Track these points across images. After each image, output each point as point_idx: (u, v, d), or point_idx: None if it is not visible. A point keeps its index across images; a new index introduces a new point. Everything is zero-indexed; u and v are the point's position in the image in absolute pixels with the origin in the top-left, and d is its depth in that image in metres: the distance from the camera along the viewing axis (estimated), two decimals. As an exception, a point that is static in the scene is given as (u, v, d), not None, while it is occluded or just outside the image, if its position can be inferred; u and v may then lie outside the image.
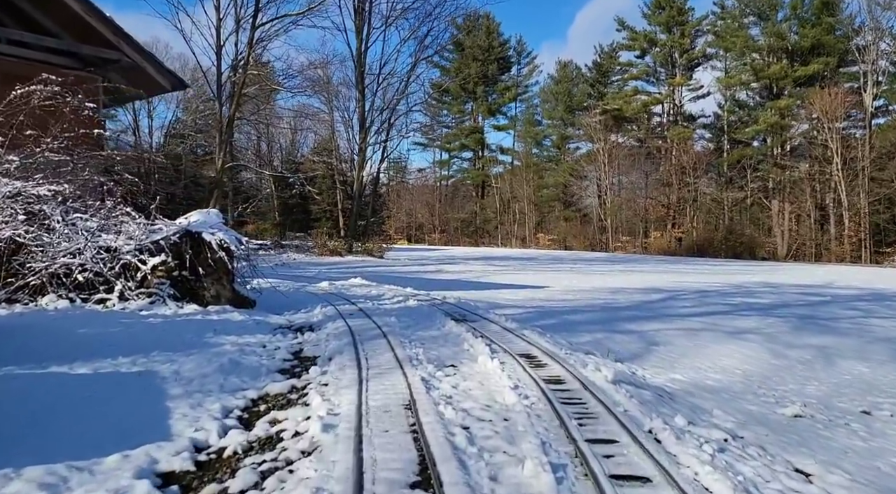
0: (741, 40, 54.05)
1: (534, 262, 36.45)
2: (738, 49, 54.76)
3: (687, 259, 46.22)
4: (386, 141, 39.08)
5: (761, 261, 46.96)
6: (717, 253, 51.01)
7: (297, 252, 34.39)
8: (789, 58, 52.44)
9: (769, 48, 53.08)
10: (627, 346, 10.03)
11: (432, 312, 10.55)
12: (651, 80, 62.40)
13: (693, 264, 38.50)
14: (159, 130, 71.64)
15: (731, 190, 56.77)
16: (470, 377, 5.92)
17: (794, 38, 52.16)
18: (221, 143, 31.33)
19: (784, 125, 52.48)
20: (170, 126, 69.54)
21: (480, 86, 68.39)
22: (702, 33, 59.26)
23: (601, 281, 23.21)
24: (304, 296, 12.87)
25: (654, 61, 61.02)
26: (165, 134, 69.61)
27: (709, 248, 51.97)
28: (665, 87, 60.98)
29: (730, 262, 43.42)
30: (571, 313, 13.63)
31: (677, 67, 59.76)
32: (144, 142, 72.13)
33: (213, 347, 7.33)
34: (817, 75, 50.62)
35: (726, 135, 58.06)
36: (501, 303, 14.84)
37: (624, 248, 57.95)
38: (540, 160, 70.14)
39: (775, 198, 53.41)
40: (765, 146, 55.22)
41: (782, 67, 51.67)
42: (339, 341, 7.60)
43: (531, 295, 17.57)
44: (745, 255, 50.26)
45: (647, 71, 61.82)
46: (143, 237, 9.96)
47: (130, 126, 73.03)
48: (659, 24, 59.25)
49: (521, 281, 22.75)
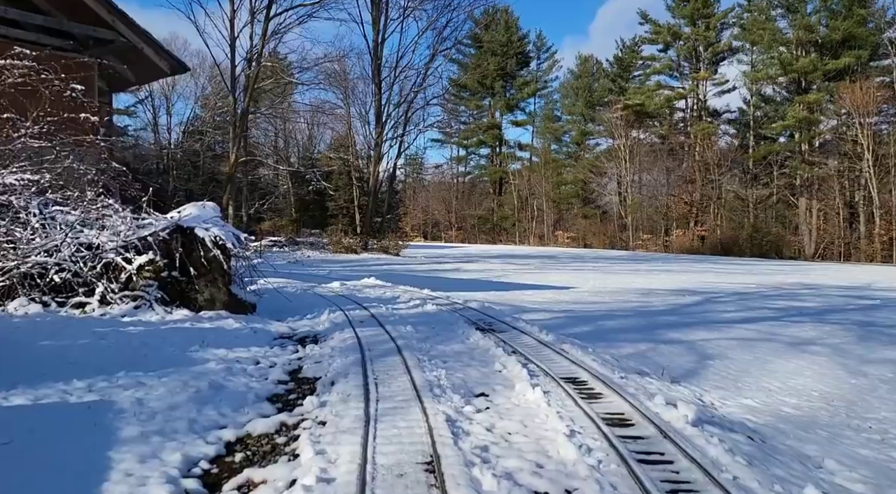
0: (769, 33, 51.97)
1: (554, 261, 35.02)
2: (765, 42, 52.67)
3: (712, 258, 44.49)
4: (402, 135, 37.80)
5: (788, 261, 45.13)
6: (742, 252, 49.17)
7: (311, 249, 33.24)
8: (818, 51, 50.30)
9: (798, 41, 50.95)
10: (678, 360, 8.70)
11: (453, 319, 9.24)
12: (674, 74, 60.46)
13: (720, 263, 36.87)
14: (178, 127, 71.22)
15: (755, 187, 54.77)
16: (508, 413, 4.59)
17: (823, 31, 50.02)
18: (235, 137, 30.26)
19: (813, 120, 50.42)
20: (188, 123, 69.05)
21: (499, 81, 66.74)
22: (727, 26, 57.22)
23: (628, 282, 21.79)
24: (312, 299, 11.60)
25: (678, 55, 59.05)
26: (184, 130, 69.07)
27: (733, 247, 50.11)
28: (689, 82, 59.00)
29: (757, 262, 41.67)
30: (605, 318, 12.28)
31: (702, 61, 57.75)
32: (163, 138, 71.83)
33: (195, 365, 6.07)
34: (848, 69, 48.46)
35: (752, 130, 56.02)
36: (527, 307, 13.54)
37: (645, 247, 56.18)
38: (559, 156, 68.44)
39: (802, 195, 51.38)
40: (792, 142, 53.15)
41: (811, 61, 49.55)
42: (345, 358, 6.30)
43: (557, 297, 16.24)
44: (771, 254, 48.41)
45: (671, 65, 59.84)
46: (129, 233, 8.75)
47: (150, 123, 72.79)
48: (683, 17, 57.25)
49: (544, 281, 21.41)
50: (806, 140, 51.41)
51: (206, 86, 65.54)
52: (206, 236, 8.63)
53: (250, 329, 8.06)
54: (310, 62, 31.56)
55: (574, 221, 62.99)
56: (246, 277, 9.63)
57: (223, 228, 8.97)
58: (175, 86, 68.28)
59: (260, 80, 32.65)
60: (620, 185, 59.27)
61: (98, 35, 11.72)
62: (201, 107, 66.33)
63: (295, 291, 12.56)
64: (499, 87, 67.10)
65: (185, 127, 68.63)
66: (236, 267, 9.42)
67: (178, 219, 8.86)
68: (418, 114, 39.10)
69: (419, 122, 40.33)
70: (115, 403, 4.69)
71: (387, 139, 36.75)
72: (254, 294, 9.66)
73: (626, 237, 58.23)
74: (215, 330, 7.75)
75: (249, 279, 9.60)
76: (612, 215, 60.56)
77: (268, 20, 29.74)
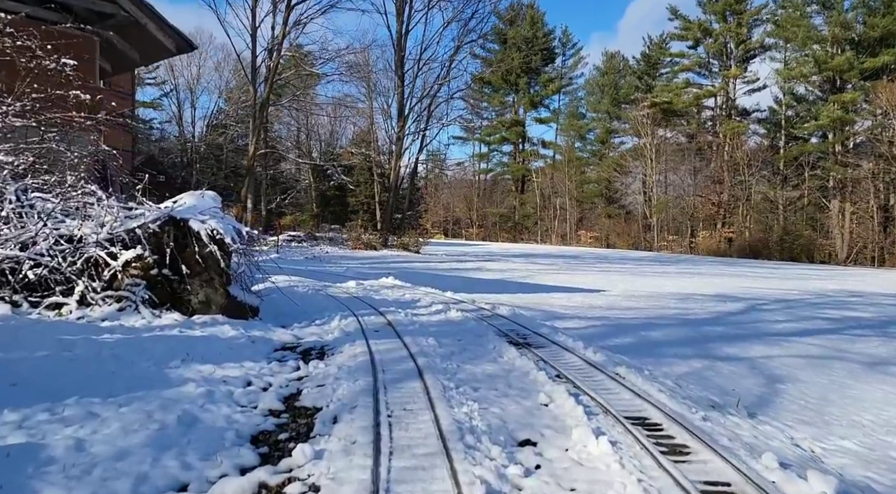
0: (803, 30, 49.85)
1: (579, 261, 33.59)
2: (799, 39, 50.53)
3: (740, 261, 42.77)
4: (425, 130, 36.47)
5: (820, 265, 43.25)
6: (771, 255, 47.33)
7: (330, 245, 32.14)
8: (855, 49, 48.11)
9: (833, 38, 48.75)
10: (743, 383, 7.42)
11: (481, 329, 7.97)
12: (703, 72, 58.38)
13: (750, 267, 35.24)
14: (202, 120, 70.84)
15: (785, 188, 52.67)
16: (567, 478, 3.32)
17: (860, 28, 47.87)
18: (255, 129, 29.24)
19: (847, 120, 48.29)
20: (211, 116, 68.55)
21: (523, 77, 65.14)
22: (760, 23, 55.03)
23: (659, 285, 20.40)
24: (324, 300, 10.38)
25: (707, 52, 56.96)
26: (207, 124, 68.62)
27: (762, 250, 48.25)
28: (718, 80, 56.94)
29: (788, 265, 39.91)
30: (648, 328, 10.95)
31: (732, 59, 55.66)
32: (187, 132, 71.49)
33: (169, 387, 4.88)
34: (886, 67, 46.27)
35: (783, 130, 53.90)
36: (559, 313, 12.26)
37: (670, 248, 54.41)
38: (582, 155, 66.70)
39: (835, 197, 49.27)
40: (825, 142, 50.99)
41: (847, 59, 47.38)
42: (353, 382, 5.06)
43: (589, 302, 14.94)
44: (802, 258, 46.50)
45: (700, 62, 57.76)
46: (116, 224, 7.61)
47: (175, 116, 72.56)
48: (714, 13, 55.18)
49: (572, 283, 20.08)
50: (840, 141, 49.28)
51: (231, 80, 65.07)
52: (201, 229, 7.45)
53: (248, 337, 6.87)
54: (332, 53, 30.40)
55: (597, 221, 61.32)
56: (249, 276, 8.43)
57: (222, 221, 7.78)
58: (200, 79, 67.99)
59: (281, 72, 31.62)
60: (645, 185, 57.47)
61: (97, 8, 10.63)
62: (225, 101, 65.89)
63: (306, 291, 11.36)
64: (523, 84, 65.49)
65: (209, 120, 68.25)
66: (238, 266, 8.23)
67: (169, 209, 7.69)
68: (441, 108, 37.75)
69: (442, 116, 38.92)
70: (45, 448, 3.50)
71: (409, 133, 35.52)
72: (257, 295, 8.46)
73: (651, 238, 56.51)
74: (206, 339, 6.57)
75: (252, 278, 8.39)
76: (636, 215, 58.82)
77: (290, 9, 28.65)
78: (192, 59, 68.50)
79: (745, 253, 48.64)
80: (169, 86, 70.47)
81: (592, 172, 63.93)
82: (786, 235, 48.86)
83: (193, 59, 68.34)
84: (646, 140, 55.90)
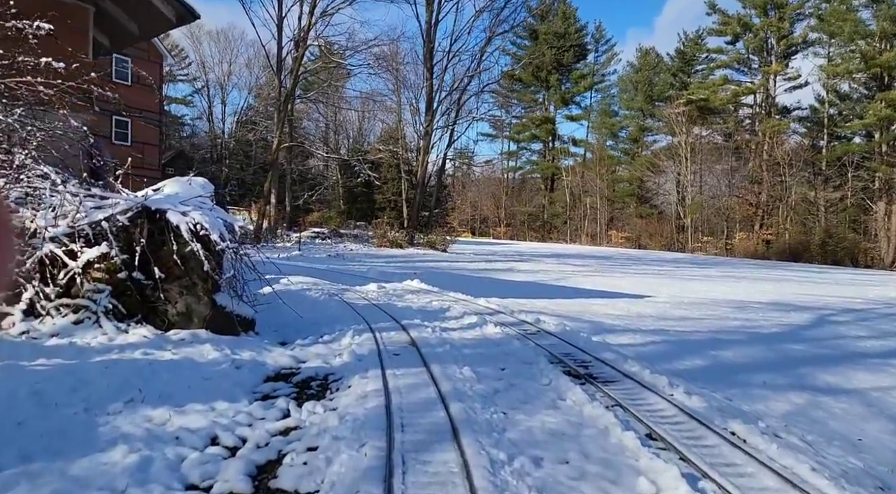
0: (849, 25, 46.93)
1: (612, 262, 31.59)
2: (845, 34, 47.63)
3: (781, 264, 40.27)
4: (454, 124, 34.62)
5: (866, 269, 40.63)
6: (812, 258, 44.66)
7: (355, 242, 30.61)
8: (905, 44, 45.23)
9: (882, 34, 45.81)
10: (867, 430, 5.68)
11: (528, 353, 6.22)
12: (741, 68, 55.56)
13: (794, 270, 32.90)
14: (232, 117, 70.18)
15: (825, 189, 49.81)
16: None
17: (911, 23, 44.93)
18: (279, 121, 27.87)
19: (895, 119, 45.40)
20: (241, 112, 67.76)
21: (554, 74, 62.87)
22: (803, 17, 52.09)
23: (706, 290, 18.47)
24: (338, 308, 8.73)
25: (747, 48, 54.14)
26: (237, 120, 67.84)
27: (803, 253, 45.58)
28: (758, 76, 54.12)
29: (833, 269, 37.38)
30: (715, 345, 9.09)
31: (773, 54, 52.83)
32: (217, 128, 70.90)
33: (86, 453, 3.27)
34: (939, 63, 43.38)
35: (825, 129, 51.02)
36: (608, 324, 10.48)
37: (704, 249, 51.88)
38: (614, 153, 64.26)
39: (880, 198, 46.38)
40: (871, 142, 48.04)
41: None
42: (357, 450, 3.38)
43: (636, 309, 13.13)
44: (845, 262, 43.78)
45: (739, 58, 54.94)
46: (80, 216, 6.05)
47: (205, 112, 72.08)
48: (755, 7, 52.32)
49: (611, 286, 18.25)
50: (887, 140, 46.32)
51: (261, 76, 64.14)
52: (182, 223, 5.85)
53: (232, 362, 5.23)
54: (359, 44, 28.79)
55: (628, 221, 58.93)
56: (243, 282, 6.79)
57: (210, 213, 6.16)
58: (230, 75, 67.27)
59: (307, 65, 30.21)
60: (679, 184, 54.97)
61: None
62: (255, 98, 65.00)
63: (319, 297, 9.72)
64: (554, 80, 63.25)
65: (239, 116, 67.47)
66: (230, 268, 6.61)
67: (142, 198, 6.11)
68: (471, 102, 35.83)
69: (472, 110, 36.93)
70: None
71: (437, 128, 33.75)
72: (254, 305, 6.83)
73: (684, 239, 54.01)
74: (176, 365, 4.96)
75: (245, 285, 6.73)
76: (669, 215, 56.35)
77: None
78: (223, 56, 67.89)
79: (784, 256, 46.02)
80: (200, 82, 70.02)
81: (624, 171, 61.53)
82: (828, 238, 46.13)
83: (225, 56, 67.75)
84: (681, 138, 53.39)
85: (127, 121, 33.20)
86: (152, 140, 34.61)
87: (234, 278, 6.47)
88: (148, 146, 34.38)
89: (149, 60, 33.90)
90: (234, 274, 6.36)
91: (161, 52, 35.02)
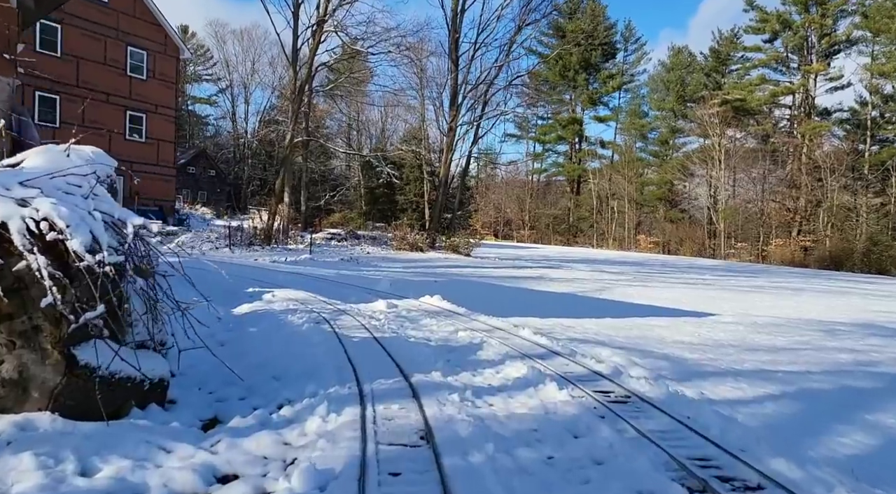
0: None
1: (648, 269, 28.67)
2: (891, 32, 44.00)
3: (823, 272, 36.90)
4: (480, 119, 31.81)
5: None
6: (854, 266, 41.16)
7: (372, 245, 28.01)
8: (957, 42, 41.49)
9: (932, 31, 42.23)
10: None
11: (638, 466, 3.45)
12: (779, 68, 51.96)
13: (844, 280, 29.70)
14: (255, 116, 68.39)
15: (866, 195, 46.12)
16: None
17: (965, 19, 41.20)
18: (293, 113, 25.48)
19: (946, 121, 41.70)
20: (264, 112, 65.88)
21: (582, 73, 59.78)
22: (846, 14, 48.38)
23: (771, 306, 15.73)
24: (322, 346, 6.03)
25: (786, 46, 50.55)
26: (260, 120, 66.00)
27: (845, 261, 42.06)
28: (797, 76, 50.50)
29: (883, 280, 33.96)
30: (855, 401, 6.36)
31: (814, 53, 49.21)
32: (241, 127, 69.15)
33: None
34: None
35: (868, 131, 47.32)
36: (688, 360, 7.85)
37: (738, 256, 48.44)
38: (643, 156, 60.86)
39: (928, 205, 42.72)
40: (917, 146, 44.36)
41: (949, 52, 40.84)
42: None
43: (708, 334, 10.45)
44: (891, 271, 40.21)
45: (777, 57, 51.32)
46: None
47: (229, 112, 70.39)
48: (796, 4, 48.74)
49: (661, 300, 15.49)
50: (936, 143, 42.67)
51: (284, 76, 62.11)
52: (12, 220, 3.27)
53: None
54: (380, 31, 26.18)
55: (657, 225, 55.59)
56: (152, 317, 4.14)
57: (82, 202, 3.57)
58: (254, 74, 65.41)
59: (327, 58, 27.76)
60: (712, 188, 51.56)
61: None
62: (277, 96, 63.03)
63: (302, 323, 7.08)
64: (581, 80, 60.11)
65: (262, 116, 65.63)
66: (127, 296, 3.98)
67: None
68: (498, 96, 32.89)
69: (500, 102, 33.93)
70: None
71: (462, 124, 31.04)
72: (164, 354, 4.19)
73: (715, 245, 50.61)
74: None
75: (152, 320, 4.07)
76: (700, 220, 52.95)
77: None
78: (247, 55, 66.14)
79: (824, 264, 42.58)
80: (224, 82, 68.34)
81: (653, 174, 58.20)
82: (873, 246, 42.54)
83: (248, 55, 65.98)
84: (714, 140, 49.99)
85: (141, 116, 31.10)
86: (168, 137, 32.51)
87: (135, 311, 3.82)
88: (163, 142, 32.29)
89: (165, 54, 31.84)
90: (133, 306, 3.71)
91: (178, 46, 32.93)
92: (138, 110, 30.78)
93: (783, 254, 46.17)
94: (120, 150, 30.49)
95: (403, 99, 41.56)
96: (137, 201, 31.48)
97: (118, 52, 29.84)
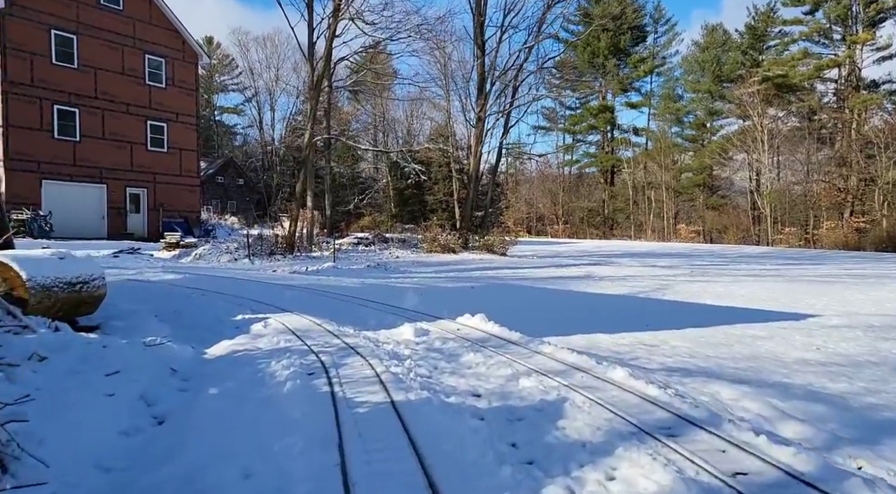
0: (953, -19, 39.57)
1: (700, 261, 26.03)
2: (946, -7, 40.26)
3: (884, 256, 33.44)
4: (510, 107, 29.34)
5: None
6: (915, 248, 37.59)
7: (402, 248, 25.96)
8: None
9: None
10: None
11: None
12: (822, 40, 48.24)
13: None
14: (281, 123, 67.06)
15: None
16: None
17: None
18: (311, 110, 23.62)
19: None
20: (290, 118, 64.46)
21: (611, 59, 56.67)
22: (893, -22, 44.54)
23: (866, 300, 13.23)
24: (298, 433, 3.78)
25: (828, 16, 46.85)
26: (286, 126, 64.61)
27: (906, 242, 38.44)
28: (841, 48, 46.74)
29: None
30: None
31: (859, 22, 45.46)
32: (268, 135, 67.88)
33: None
34: None
35: (923, 102, 43.52)
36: (851, 401, 5.54)
37: (787, 241, 45.03)
38: (679, 141, 57.40)
39: None
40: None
41: None
42: None
43: (831, 347, 8.22)
44: (955, 253, 36.57)
45: (819, 28, 47.61)
46: None
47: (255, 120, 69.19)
48: (838, -30, 45.19)
49: (734, 297, 13.11)
50: None
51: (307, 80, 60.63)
52: None
53: None
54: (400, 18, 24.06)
55: (699, 213, 52.32)
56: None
57: None
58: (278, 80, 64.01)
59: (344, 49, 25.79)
60: (754, 171, 48.14)
61: None
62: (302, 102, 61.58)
63: (285, 376, 4.85)
64: (611, 66, 57.05)
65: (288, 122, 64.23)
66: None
67: None
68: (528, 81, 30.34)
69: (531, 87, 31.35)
70: None
71: (490, 114, 28.63)
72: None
73: (761, 231, 47.22)
74: None
75: None
76: (743, 206, 49.55)
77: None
78: (270, 61, 64.84)
79: (882, 246, 39.01)
80: (250, 92, 67.21)
81: (691, 160, 54.87)
82: (938, 225, 38.90)
83: (272, 61, 64.66)
84: (756, 120, 46.61)
85: (163, 125, 29.72)
86: (190, 145, 31.06)
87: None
88: (186, 151, 30.86)
89: (183, 61, 30.43)
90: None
91: (196, 51, 31.43)
92: (159, 119, 29.42)
93: (836, 238, 42.69)
94: (142, 162, 29.13)
95: (428, 94, 39.42)
96: (163, 213, 30.11)
97: (136, 60, 28.49)
